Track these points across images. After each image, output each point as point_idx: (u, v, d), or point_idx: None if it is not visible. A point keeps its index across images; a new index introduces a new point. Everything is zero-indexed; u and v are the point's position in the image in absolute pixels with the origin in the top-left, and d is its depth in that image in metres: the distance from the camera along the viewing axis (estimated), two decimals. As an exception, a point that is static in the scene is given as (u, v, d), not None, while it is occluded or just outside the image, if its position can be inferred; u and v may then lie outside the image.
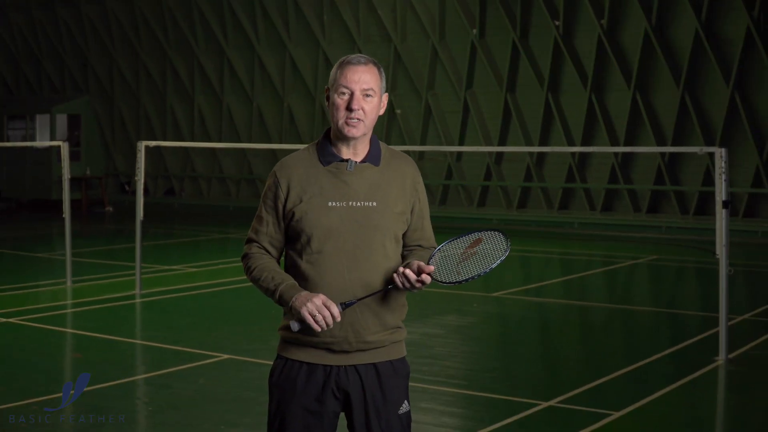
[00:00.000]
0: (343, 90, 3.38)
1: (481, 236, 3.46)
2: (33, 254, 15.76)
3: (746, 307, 10.78)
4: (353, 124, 3.37)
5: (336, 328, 3.37)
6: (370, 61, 3.42)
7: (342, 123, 3.38)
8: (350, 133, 3.38)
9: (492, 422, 6.34)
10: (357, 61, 3.39)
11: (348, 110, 3.36)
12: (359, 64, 3.39)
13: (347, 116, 3.37)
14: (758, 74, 18.55)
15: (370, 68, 3.39)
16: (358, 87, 3.36)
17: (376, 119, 3.44)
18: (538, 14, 20.75)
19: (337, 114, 3.39)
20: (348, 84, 3.36)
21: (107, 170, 28.25)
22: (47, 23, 29.05)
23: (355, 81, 3.36)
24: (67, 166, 11.99)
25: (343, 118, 3.38)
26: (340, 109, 3.38)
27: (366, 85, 3.37)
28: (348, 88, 3.37)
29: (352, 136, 3.38)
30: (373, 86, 3.38)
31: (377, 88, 3.40)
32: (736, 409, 7.13)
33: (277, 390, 3.48)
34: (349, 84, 3.36)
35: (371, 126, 3.43)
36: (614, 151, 20.07)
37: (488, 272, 3.41)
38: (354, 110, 3.35)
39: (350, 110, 3.36)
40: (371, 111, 3.39)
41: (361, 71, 3.37)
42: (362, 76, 3.37)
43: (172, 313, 10.50)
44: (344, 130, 3.38)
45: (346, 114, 3.37)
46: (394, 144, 22.16)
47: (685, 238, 18.21)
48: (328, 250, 3.36)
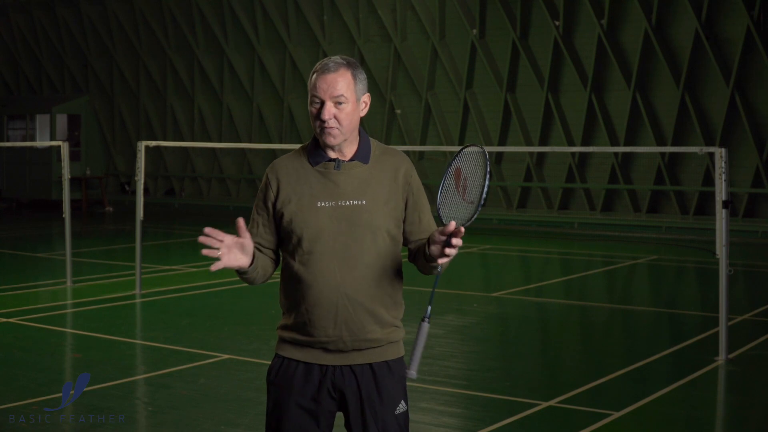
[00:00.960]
0: (314, 99, 3.36)
1: (455, 165, 3.37)
2: (33, 254, 15.76)
3: (746, 307, 10.77)
4: (328, 132, 3.35)
5: (331, 328, 3.37)
6: (342, 65, 3.35)
7: (319, 131, 3.38)
8: (328, 142, 3.37)
9: (492, 422, 6.34)
10: (327, 68, 3.33)
11: (320, 120, 3.35)
12: (328, 72, 3.33)
13: (321, 126, 3.36)
14: (758, 74, 18.56)
15: (341, 74, 3.33)
16: (327, 95, 3.32)
17: (355, 123, 3.39)
18: (538, 14, 20.76)
19: (313, 123, 3.38)
20: (318, 93, 3.34)
21: (107, 170, 28.26)
22: (47, 23, 29.06)
23: (324, 90, 3.32)
24: (67, 166, 11.98)
25: (319, 128, 3.37)
26: (314, 118, 3.37)
27: (336, 93, 3.32)
28: (318, 98, 3.34)
29: (330, 143, 3.37)
30: (344, 92, 3.33)
31: (350, 93, 3.35)
32: (736, 409, 7.13)
33: (274, 389, 3.48)
34: (319, 93, 3.33)
35: (350, 130, 3.38)
36: (614, 151, 20.07)
37: (489, 177, 3.27)
38: (325, 120, 3.33)
39: (322, 120, 3.34)
40: (345, 118, 3.34)
41: (329, 80, 3.32)
42: (332, 85, 3.32)
43: (172, 313, 10.50)
44: (321, 137, 3.38)
45: (320, 124, 3.36)
46: (394, 144, 22.18)
47: (685, 238, 18.21)
48: (319, 250, 3.36)
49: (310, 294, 3.37)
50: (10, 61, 30.58)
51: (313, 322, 3.38)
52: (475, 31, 21.49)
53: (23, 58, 30.22)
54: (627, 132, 19.98)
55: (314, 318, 3.38)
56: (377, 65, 23.27)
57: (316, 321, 3.38)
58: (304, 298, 3.39)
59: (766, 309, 10.69)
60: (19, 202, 27.14)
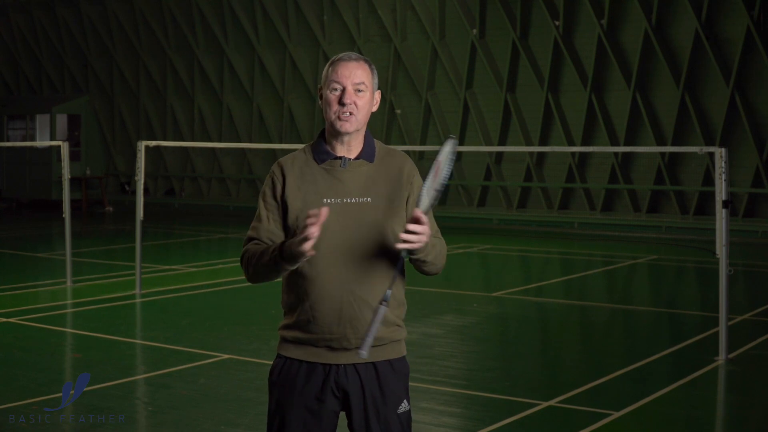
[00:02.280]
0: (335, 86, 3.39)
1: (436, 162, 3.37)
2: (33, 254, 15.76)
3: (746, 307, 10.77)
4: (345, 118, 3.38)
5: (335, 325, 3.38)
6: (362, 59, 3.45)
7: (335, 118, 3.39)
8: (343, 128, 3.39)
9: (492, 422, 6.34)
10: (348, 57, 3.42)
11: (340, 105, 3.38)
12: (350, 60, 3.41)
13: (340, 111, 3.38)
14: (758, 74, 18.56)
15: (361, 64, 3.42)
16: (349, 82, 3.38)
17: (368, 115, 3.45)
18: (538, 14, 20.76)
19: (330, 109, 3.40)
20: (339, 79, 3.39)
21: (107, 170, 28.26)
22: (47, 23, 29.06)
23: (346, 76, 3.39)
24: (67, 166, 11.98)
25: (336, 113, 3.39)
26: (332, 105, 3.40)
27: (357, 80, 3.39)
28: (340, 83, 3.39)
29: (345, 130, 3.39)
30: (364, 80, 3.40)
31: (369, 83, 3.42)
32: (736, 409, 7.13)
33: (276, 389, 3.48)
34: (341, 79, 3.39)
35: (364, 121, 3.43)
36: (614, 151, 20.07)
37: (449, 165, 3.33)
38: (346, 104, 3.37)
39: (342, 104, 3.38)
40: (363, 106, 3.40)
41: (352, 67, 3.40)
42: (354, 72, 3.39)
43: (171, 313, 10.50)
44: (337, 125, 3.39)
45: (338, 109, 3.38)
46: (394, 144, 22.17)
47: (685, 238, 18.21)
48: (324, 247, 3.35)
49: (314, 291, 3.38)
50: (10, 61, 30.58)
51: (317, 319, 3.39)
52: (475, 31, 21.50)
53: (23, 58, 30.22)
54: (627, 132, 19.99)
55: (318, 315, 3.38)
56: (377, 65, 22.91)
57: (320, 318, 3.38)
58: (308, 295, 3.39)
59: (766, 309, 10.69)
60: (19, 202, 27.15)
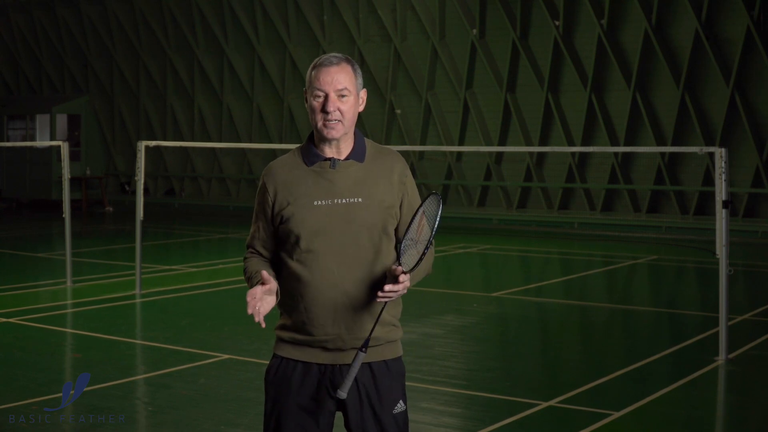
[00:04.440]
0: (317, 93, 3.37)
1: (420, 213, 3.34)
2: (33, 254, 15.76)
3: (746, 307, 10.77)
4: (332, 126, 3.37)
5: (329, 326, 3.38)
6: (343, 60, 3.40)
7: (321, 125, 3.39)
8: (330, 135, 3.38)
9: (492, 422, 6.34)
10: (329, 62, 3.38)
11: (324, 112, 3.36)
12: (331, 65, 3.37)
13: (324, 118, 3.37)
14: (758, 74, 18.56)
15: (342, 67, 3.38)
16: (331, 89, 3.36)
17: (355, 117, 3.43)
18: (538, 14, 20.76)
19: (315, 117, 3.39)
20: (322, 86, 3.36)
21: (107, 170, 28.26)
22: (47, 23, 29.06)
23: (328, 83, 3.36)
24: (67, 166, 11.98)
25: (321, 121, 3.38)
26: (316, 112, 3.38)
27: (340, 85, 3.36)
28: (322, 90, 3.36)
29: (332, 137, 3.39)
30: (347, 86, 3.37)
31: (352, 86, 3.39)
32: (736, 409, 7.13)
33: (272, 389, 3.49)
34: (323, 86, 3.36)
35: (351, 125, 3.42)
36: (614, 151, 20.07)
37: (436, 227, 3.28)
38: (329, 112, 3.35)
39: (326, 112, 3.36)
40: (348, 110, 3.38)
41: (333, 72, 3.36)
42: (335, 77, 3.36)
43: (171, 313, 10.50)
44: (323, 132, 3.39)
45: (323, 116, 3.37)
46: (394, 144, 22.19)
47: (685, 238, 18.21)
48: (317, 248, 3.37)
49: (309, 292, 3.39)
50: (10, 61, 30.58)
51: (312, 320, 3.40)
52: (475, 31, 21.50)
53: (23, 58, 30.22)
54: (627, 132, 19.99)
55: (313, 316, 3.39)
56: (377, 65, 23.27)
57: (315, 319, 3.39)
58: (303, 297, 3.40)
59: (766, 309, 10.69)
60: (19, 202, 27.14)
